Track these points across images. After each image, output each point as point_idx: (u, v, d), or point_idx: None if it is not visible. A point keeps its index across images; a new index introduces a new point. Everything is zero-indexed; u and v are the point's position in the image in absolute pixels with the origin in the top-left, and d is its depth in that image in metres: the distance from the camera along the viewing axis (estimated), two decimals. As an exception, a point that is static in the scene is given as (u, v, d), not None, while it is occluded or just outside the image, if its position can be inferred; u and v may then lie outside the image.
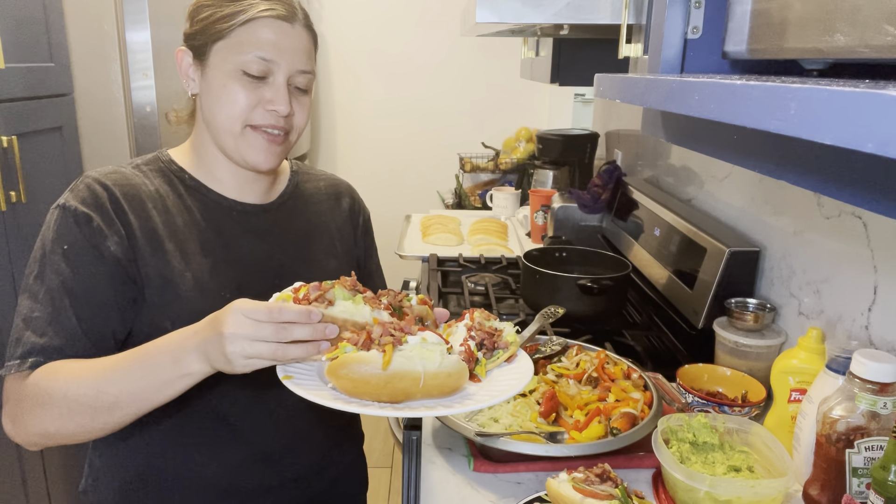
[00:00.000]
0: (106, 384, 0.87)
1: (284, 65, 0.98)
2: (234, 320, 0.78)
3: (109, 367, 0.88)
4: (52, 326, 0.92)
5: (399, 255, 2.18)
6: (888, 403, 0.85)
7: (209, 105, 1.00)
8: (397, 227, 2.49)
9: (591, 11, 1.17)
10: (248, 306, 0.79)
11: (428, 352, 0.81)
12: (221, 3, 0.98)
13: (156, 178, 1.04)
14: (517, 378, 0.87)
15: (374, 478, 1.35)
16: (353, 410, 0.79)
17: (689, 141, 0.86)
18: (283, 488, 1.11)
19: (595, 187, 2.17)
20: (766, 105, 0.48)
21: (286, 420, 1.09)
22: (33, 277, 0.95)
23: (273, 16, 0.97)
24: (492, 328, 0.93)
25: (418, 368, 0.80)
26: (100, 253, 0.95)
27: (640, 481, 1.01)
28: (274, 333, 0.78)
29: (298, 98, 1.03)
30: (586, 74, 1.99)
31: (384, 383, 0.79)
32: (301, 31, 1.00)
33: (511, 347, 0.93)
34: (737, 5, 0.77)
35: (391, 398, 0.81)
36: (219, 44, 0.98)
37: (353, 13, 3.65)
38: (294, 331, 0.79)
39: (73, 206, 0.96)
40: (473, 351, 0.89)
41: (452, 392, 0.84)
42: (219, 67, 0.98)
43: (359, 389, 0.80)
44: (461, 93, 3.77)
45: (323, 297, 0.83)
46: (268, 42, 0.96)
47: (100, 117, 2.07)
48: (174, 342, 0.85)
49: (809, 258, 1.21)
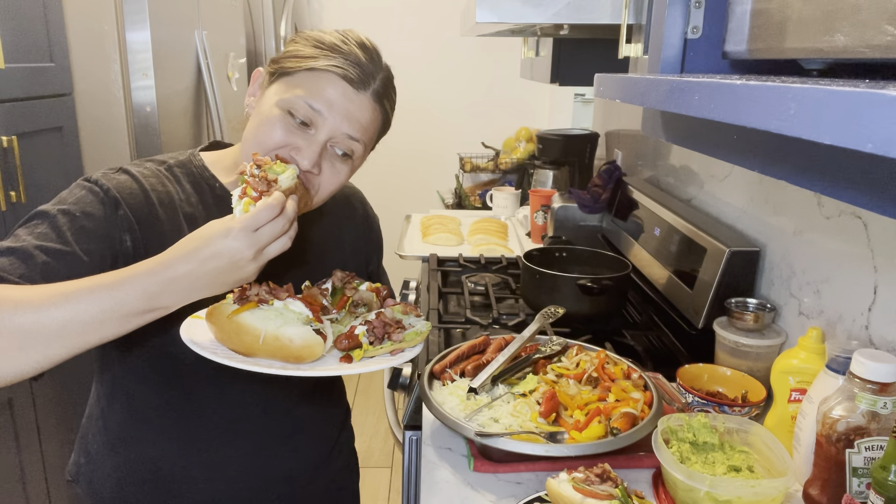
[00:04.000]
0: (53, 308, 0.77)
1: (330, 122, 0.94)
2: (248, 240, 0.80)
3: (59, 291, 0.79)
4: (10, 256, 0.84)
5: (399, 255, 2.18)
6: (888, 403, 0.85)
7: (249, 127, 0.99)
8: (397, 227, 2.49)
9: (591, 11, 1.17)
10: (249, 220, 0.80)
11: (280, 316, 0.89)
12: (307, 44, 0.96)
13: (186, 184, 1.02)
14: (367, 367, 0.93)
15: (374, 478, 1.36)
16: (202, 353, 0.87)
17: (689, 141, 0.86)
18: (282, 484, 1.12)
19: (595, 187, 2.17)
20: (766, 105, 0.48)
21: (284, 416, 1.10)
22: (19, 225, 0.90)
23: (341, 75, 0.94)
24: (393, 320, 0.98)
25: (260, 326, 0.87)
26: (110, 239, 0.91)
27: (640, 481, 1.01)
28: (282, 226, 0.83)
29: (334, 163, 0.98)
30: (586, 74, 1.98)
31: (234, 333, 0.88)
32: (366, 102, 0.97)
33: (403, 343, 0.97)
34: (737, 5, 0.77)
35: (243, 350, 0.89)
36: (284, 78, 0.96)
37: (352, 13, 3.65)
38: (290, 212, 0.84)
39: (105, 185, 0.94)
40: (358, 335, 0.94)
41: (299, 360, 0.90)
42: (271, 99, 0.96)
43: (220, 335, 0.90)
44: (461, 93, 3.77)
45: (269, 182, 0.87)
46: (322, 95, 0.94)
47: (100, 117, 2.07)
48: (144, 276, 0.79)
49: (809, 258, 1.21)
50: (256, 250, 0.81)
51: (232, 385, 1.03)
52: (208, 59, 2.49)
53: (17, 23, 1.73)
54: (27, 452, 1.82)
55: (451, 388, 1.12)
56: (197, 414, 1.04)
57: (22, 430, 1.80)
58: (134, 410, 1.04)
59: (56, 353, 0.78)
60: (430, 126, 3.81)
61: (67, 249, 0.87)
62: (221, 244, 0.80)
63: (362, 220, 1.25)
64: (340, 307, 1.00)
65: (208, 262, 0.80)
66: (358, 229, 1.22)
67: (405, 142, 3.79)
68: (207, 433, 1.05)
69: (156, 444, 1.04)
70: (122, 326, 0.80)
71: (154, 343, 0.98)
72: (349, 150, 0.98)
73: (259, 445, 1.08)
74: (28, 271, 0.83)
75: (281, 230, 0.82)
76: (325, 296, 0.99)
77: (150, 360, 1.01)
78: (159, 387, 1.03)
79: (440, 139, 3.82)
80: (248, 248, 0.80)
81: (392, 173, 3.80)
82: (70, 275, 0.84)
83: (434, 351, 1.30)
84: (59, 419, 1.96)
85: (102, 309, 0.78)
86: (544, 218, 2.29)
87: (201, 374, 1.00)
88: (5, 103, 1.69)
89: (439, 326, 1.51)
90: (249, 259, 0.81)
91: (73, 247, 0.87)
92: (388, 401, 1.58)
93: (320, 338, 0.89)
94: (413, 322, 1.00)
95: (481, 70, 3.73)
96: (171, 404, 1.03)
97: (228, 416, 1.05)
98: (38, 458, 1.87)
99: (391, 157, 3.81)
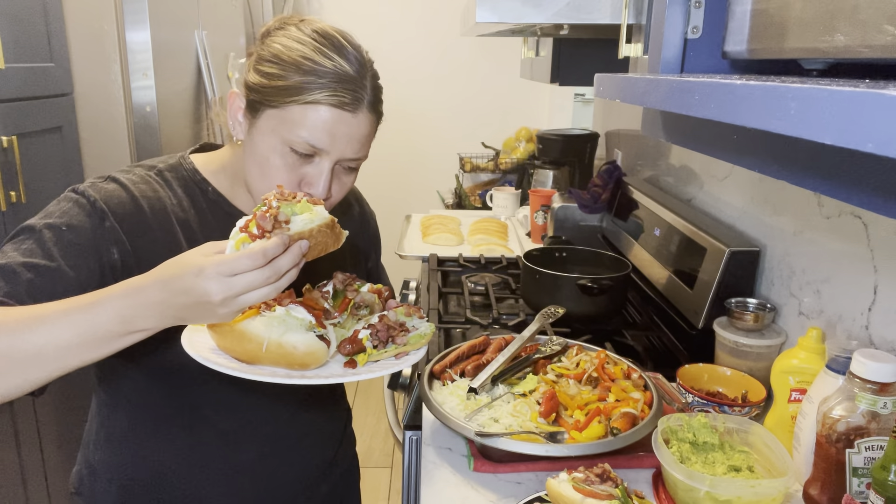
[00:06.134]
0: (27, 332, 0.75)
1: (334, 153, 0.93)
2: (218, 287, 0.73)
3: (34, 315, 0.77)
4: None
5: (399, 255, 2.18)
6: (888, 403, 0.85)
7: (249, 164, 0.96)
8: (397, 227, 2.49)
9: (591, 11, 1.17)
10: (226, 265, 0.74)
11: (283, 323, 0.86)
12: (288, 69, 0.90)
13: (178, 188, 1.00)
14: (373, 373, 0.91)
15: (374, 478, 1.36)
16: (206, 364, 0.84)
17: (689, 141, 0.86)
18: (287, 490, 1.11)
19: (595, 187, 2.17)
20: (766, 105, 0.48)
21: (288, 421, 1.10)
22: (7, 240, 0.89)
23: (336, 104, 0.90)
24: (396, 323, 0.96)
25: (263, 334, 0.84)
26: (97, 252, 0.90)
27: (640, 481, 1.01)
28: (265, 279, 0.75)
29: (341, 177, 0.98)
30: (586, 74, 1.99)
31: (237, 341, 0.85)
32: (363, 119, 0.94)
33: (408, 346, 0.95)
34: (737, 5, 0.77)
35: (247, 358, 0.87)
36: (272, 111, 0.91)
37: (352, 13, 3.65)
38: (281, 265, 0.77)
39: (92, 196, 0.92)
40: (362, 339, 0.92)
41: (303, 367, 0.88)
42: (266, 135, 0.92)
43: (222, 343, 0.88)
44: (461, 93, 3.77)
45: (279, 223, 0.82)
46: (322, 130, 0.90)
47: (100, 117, 2.07)
48: (119, 300, 0.77)
49: (809, 258, 1.21)
50: (226, 297, 0.74)
51: (234, 392, 1.02)
52: (208, 59, 2.49)
53: (17, 23, 1.73)
54: (28, 455, 1.82)
55: (451, 388, 1.12)
56: (200, 422, 1.03)
57: (22, 433, 1.80)
58: (135, 419, 1.03)
59: (36, 377, 0.77)
60: (430, 126, 3.81)
61: (53, 265, 0.86)
62: (192, 281, 0.74)
63: (359, 216, 1.25)
64: (342, 310, 0.98)
65: (178, 297, 0.75)
66: (355, 226, 1.22)
67: (405, 142, 3.79)
68: (211, 441, 1.04)
69: (158, 453, 1.03)
70: (101, 349, 0.77)
71: (154, 353, 0.97)
72: (356, 165, 0.98)
73: (263, 452, 1.08)
74: (13, 289, 0.82)
75: (261, 282, 0.75)
76: (326, 299, 0.97)
77: (150, 370, 1.00)
78: (161, 396, 1.02)
79: (440, 139, 3.82)
80: (217, 293, 0.74)
81: (392, 173, 3.80)
82: (56, 290, 0.84)
83: (434, 351, 1.30)
84: (59, 422, 1.96)
85: (77, 332, 0.75)
86: (544, 218, 2.29)
87: (203, 382, 0.99)
88: (5, 103, 1.69)
89: (439, 326, 1.51)
90: (217, 304, 0.74)
91: (58, 262, 0.86)
92: (388, 401, 1.58)
93: (324, 344, 0.88)
94: (416, 324, 0.99)
95: (481, 70, 3.73)
96: (174, 413, 1.03)
97: (232, 424, 1.05)
98: (38, 460, 1.87)
99: (391, 157, 3.81)
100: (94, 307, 0.76)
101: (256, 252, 0.75)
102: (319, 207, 0.85)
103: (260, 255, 0.75)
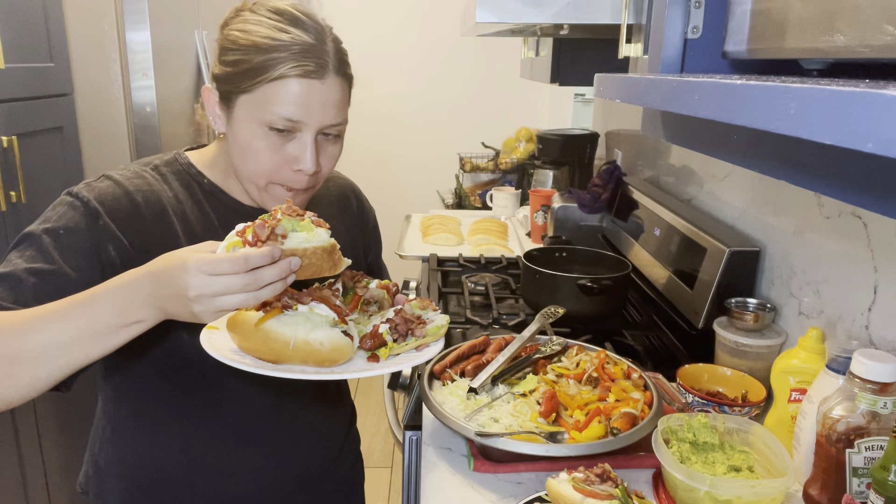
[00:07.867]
0: (31, 333, 0.79)
1: (312, 123, 0.94)
2: (197, 282, 0.74)
3: (37, 315, 0.80)
4: (2, 283, 0.87)
5: (399, 255, 2.18)
6: (888, 403, 0.85)
7: (235, 154, 0.98)
8: (397, 227, 2.49)
9: (591, 11, 1.17)
10: (207, 264, 0.75)
11: (308, 321, 0.86)
12: (249, 51, 0.92)
13: (174, 181, 1.02)
14: (398, 365, 0.91)
15: (374, 478, 1.36)
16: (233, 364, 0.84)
17: (689, 141, 0.86)
18: (293, 486, 1.12)
19: (595, 187, 2.17)
20: (766, 105, 0.48)
21: (294, 417, 1.10)
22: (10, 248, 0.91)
23: (302, 74, 0.91)
24: (413, 316, 0.97)
25: (289, 332, 0.85)
26: (95, 251, 0.92)
27: (640, 481, 1.01)
28: (244, 285, 0.76)
29: (327, 148, 0.99)
30: (586, 74, 1.98)
31: (262, 342, 0.85)
32: (333, 83, 0.95)
33: (427, 338, 0.96)
34: (737, 5, 0.77)
35: (272, 358, 0.87)
36: (244, 97, 0.93)
37: (352, 13, 3.65)
38: (263, 276, 0.77)
39: (85, 196, 0.94)
40: (382, 333, 0.93)
41: (331, 363, 0.88)
42: (244, 122, 0.94)
43: (244, 344, 0.87)
44: (461, 93, 3.77)
45: (275, 234, 0.82)
46: (295, 102, 0.92)
47: (100, 117, 2.07)
48: (114, 292, 0.79)
49: (809, 258, 1.21)
50: (201, 294, 0.75)
51: (242, 388, 1.03)
52: (208, 59, 2.49)
53: (17, 23, 1.73)
54: (28, 456, 1.82)
55: (451, 388, 1.12)
56: (207, 418, 1.04)
57: (23, 434, 1.80)
58: (142, 415, 1.04)
59: (46, 375, 0.80)
60: (430, 126, 3.81)
61: (54, 269, 0.89)
62: (175, 273, 0.75)
63: (357, 211, 1.25)
64: (353, 307, 0.99)
65: (164, 288, 0.77)
66: (353, 220, 1.23)
67: (405, 142, 3.80)
68: (217, 438, 1.04)
69: (164, 450, 1.04)
70: (103, 343, 0.79)
71: (158, 349, 0.98)
72: (337, 132, 1.00)
73: (270, 449, 1.08)
74: (20, 296, 0.86)
75: (239, 287, 0.75)
76: (336, 296, 0.97)
77: (156, 366, 1.01)
78: (167, 391, 1.03)
79: (440, 139, 3.82)
80: (194, 288, 0.74)
81: (392, 173, 3.80)
82: (60, 293, 0.85)
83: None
84: (59, 422, 1.96)
85: (77, 328, 0.78)
86: (544, 218, 2.29)
87: (211, 378, 0.99)
88: (5, 103, 1.69)
89: (439, 326, 1.51)
90: (192, 300, 0.75)
91: (59, 264, 0.89)
92: (388, 401, 1.58)
93: (349, 339, 0.89)
94: (431, 317, 1.00)
95: (481, 70, 3.73)
96: (180, 408, 1.03)
97: (239, 420, 1.05)
98: (38, 461, 1.87)
99: (391, 157, 3.81)
100: (92, 301, 0.79)
101: (239, 257, 0.76)
102: (322, 230, 0.86)
103: (242, 260, 0.75)
